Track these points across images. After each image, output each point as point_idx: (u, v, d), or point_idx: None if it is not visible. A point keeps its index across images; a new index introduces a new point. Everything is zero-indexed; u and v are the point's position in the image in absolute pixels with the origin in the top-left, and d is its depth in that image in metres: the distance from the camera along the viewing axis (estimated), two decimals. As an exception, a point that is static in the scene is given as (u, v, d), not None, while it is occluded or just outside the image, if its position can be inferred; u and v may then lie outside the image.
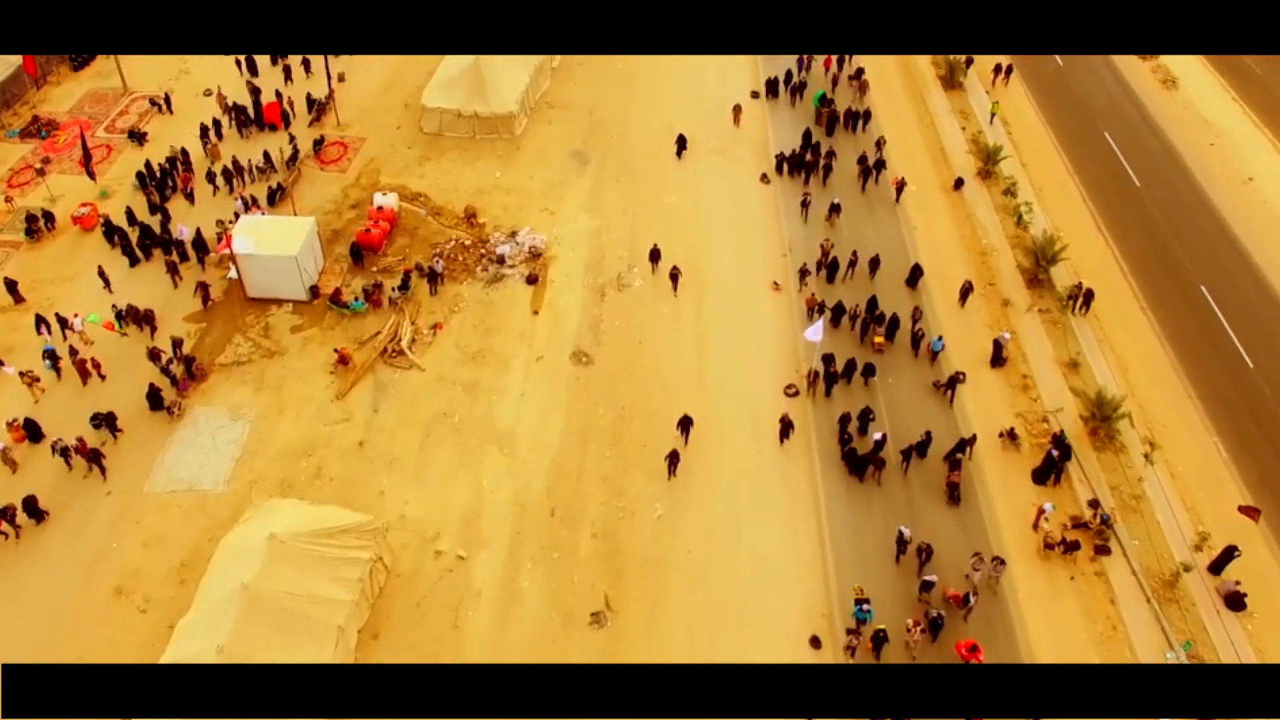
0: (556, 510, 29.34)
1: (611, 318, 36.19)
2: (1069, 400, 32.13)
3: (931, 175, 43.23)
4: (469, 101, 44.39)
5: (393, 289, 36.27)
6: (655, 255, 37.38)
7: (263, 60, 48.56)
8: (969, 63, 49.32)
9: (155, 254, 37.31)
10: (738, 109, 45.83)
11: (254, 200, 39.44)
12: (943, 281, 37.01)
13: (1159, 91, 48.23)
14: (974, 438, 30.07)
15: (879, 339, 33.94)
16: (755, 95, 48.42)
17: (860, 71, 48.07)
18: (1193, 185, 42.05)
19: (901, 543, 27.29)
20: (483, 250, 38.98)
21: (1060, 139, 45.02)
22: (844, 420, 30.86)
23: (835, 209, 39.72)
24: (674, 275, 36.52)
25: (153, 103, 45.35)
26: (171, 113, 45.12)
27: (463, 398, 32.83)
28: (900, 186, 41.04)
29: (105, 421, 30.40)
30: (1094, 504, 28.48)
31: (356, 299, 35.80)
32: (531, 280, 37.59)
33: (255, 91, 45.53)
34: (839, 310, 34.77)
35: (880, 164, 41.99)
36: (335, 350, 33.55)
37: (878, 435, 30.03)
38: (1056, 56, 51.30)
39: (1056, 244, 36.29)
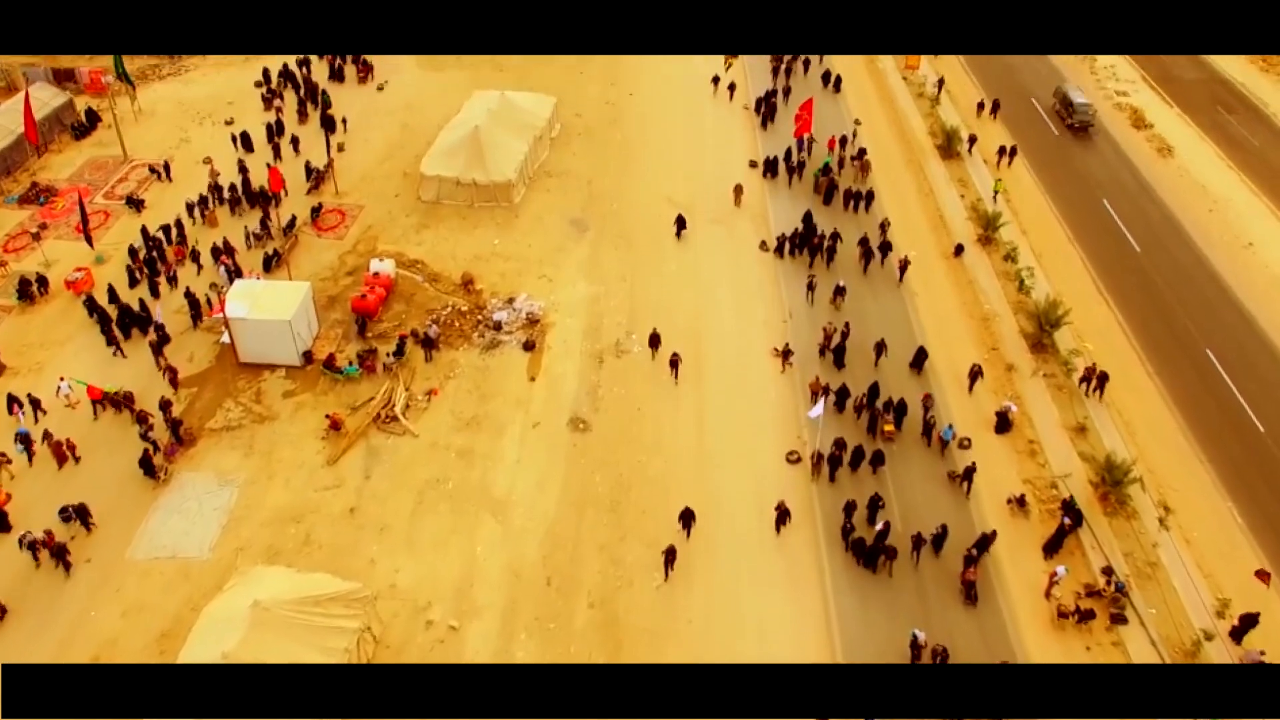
0: (552, 579, 28.75)
1: (610, 384, 36.06)
2: (1077, 465, 31.82)
3: (931, 242, 43.62)
4: (467, 170, 45.03)
5: (387, 354, 36.21)
6: (655, 340, 36.50)
7: (259, 136, 48.81)
8: (972, 141, 49.68)
9: (135, 333, 36.78)
10: (739, 189, 45.59)
11: (237, 270, 39.45)
12: (950, 362, 36.30)
13: (1156, 160, 49.04)
14: (994, 534, 28.86)
15: (889, 427, 32.89)
16: (753, 165, 49.08)
17: (863, 152, 48.14)
18: (1193, 250, 42.46)
19: (916, 647, 26.13)
20: (479, 316, 39.06)
21: (1059, 207, 45.57)
22: (850, 508, 29.70)
23: (840, 291, 38.95)
24: (674, 362, 35.53)
25: (152, 170, 46.07)
26: (170, 180, 45.78)
27: (457, 464, 32.49)
28: (904, 266, 40.41)
29: (76, 513, 29.12)
30: (1108, 571, 27.94)
31: (350, 364, 35.72)
32: (528, 346, 37.57)
33: (245, 170, 45.55)
34: (843, 394, 33.79)
35: (885, 246, 41.45)
36: (327, 416, 33.33)
37: (882, 523, 28.89)
38: (1053, 128, 52.25)
39: (1059, 308, 36.35)
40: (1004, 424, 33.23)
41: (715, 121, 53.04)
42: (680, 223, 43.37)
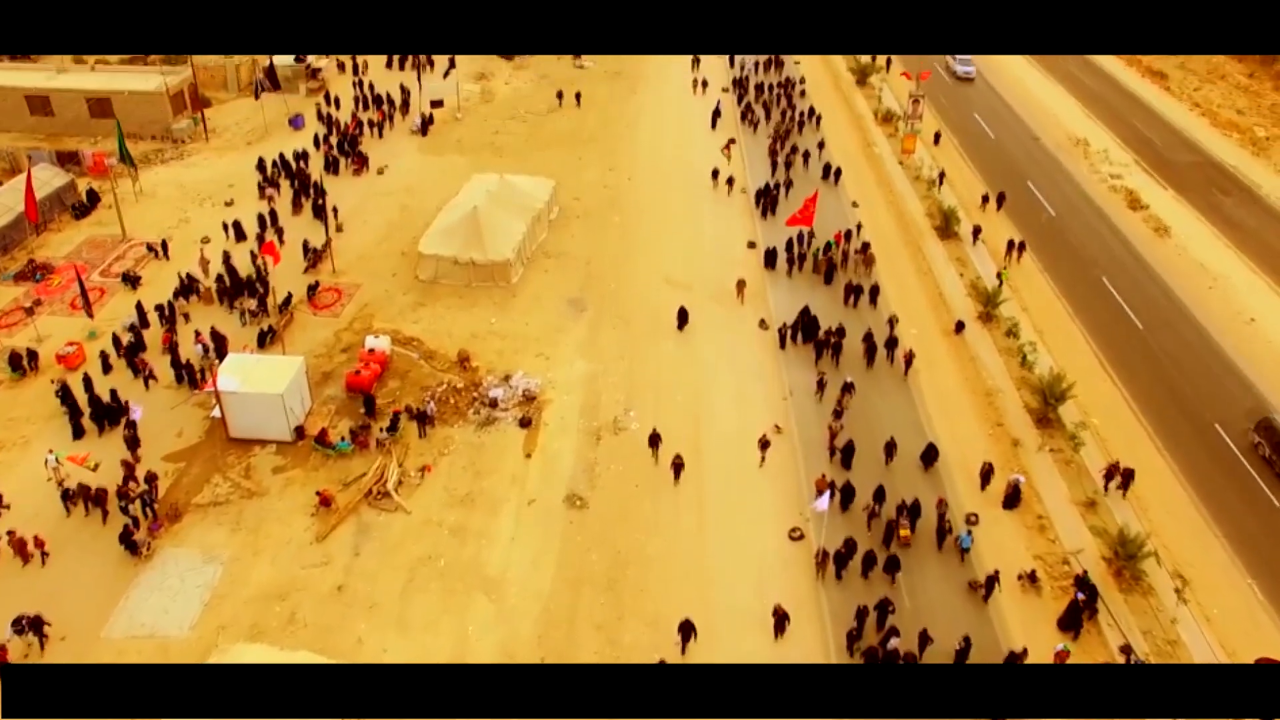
0: (547, 660, 27.84)
1: (607, 461, 35.65)
2: (1089, 540, 31.21)
3: (931, 319, 43.80)
4: (465, 249, 45.46)
5: (380, 430, 35.88)
6: (655, 440, 35.14)
7: (252, 225, 49.01)
8: (976, 232, 49.82)
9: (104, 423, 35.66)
10: (741, 284, 44.70)
11: (218, 348, 39.34)
12: (960, 456, 35.17)
13: (1153, 239, 49.68)
14: (1024, 651, 27.04)
15: (905, 532, 31.23)
16: (752, 245, 49.68)
17: (866, 246, 47.74)
18: (1195, 327, 42.65)
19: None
20: (475, 394, 38.87)
21: (1058, 284, 45.95)
22: (861, 614, 28.09)
23: (848, 388, 37.71)
24: (677, 465, 34.23)
25: (149, 248, 46.52)
26: (168, 258, 46.16)
27: (450, 541, 31.84)
28: (910, 360, 39.55)
29: (30, 626, 26.96)
30: (1126, 650, 27.09)
31: (343, 440, 35.36)
32: (525, 423, 37.30)
33: (227, 259, 45.07)
34: (849, 492, 32.59)
35: (892, 341, 40.40)
36: (317, 492, 32.81)
37: (894, 641, 27.26)
38: (1049, 207, 53.11)
39: (1063, 382, 36.23)
40: (1013, 499, 32.71)
41: (714, 206, 53.74)
42: (682, 316, 42.55)
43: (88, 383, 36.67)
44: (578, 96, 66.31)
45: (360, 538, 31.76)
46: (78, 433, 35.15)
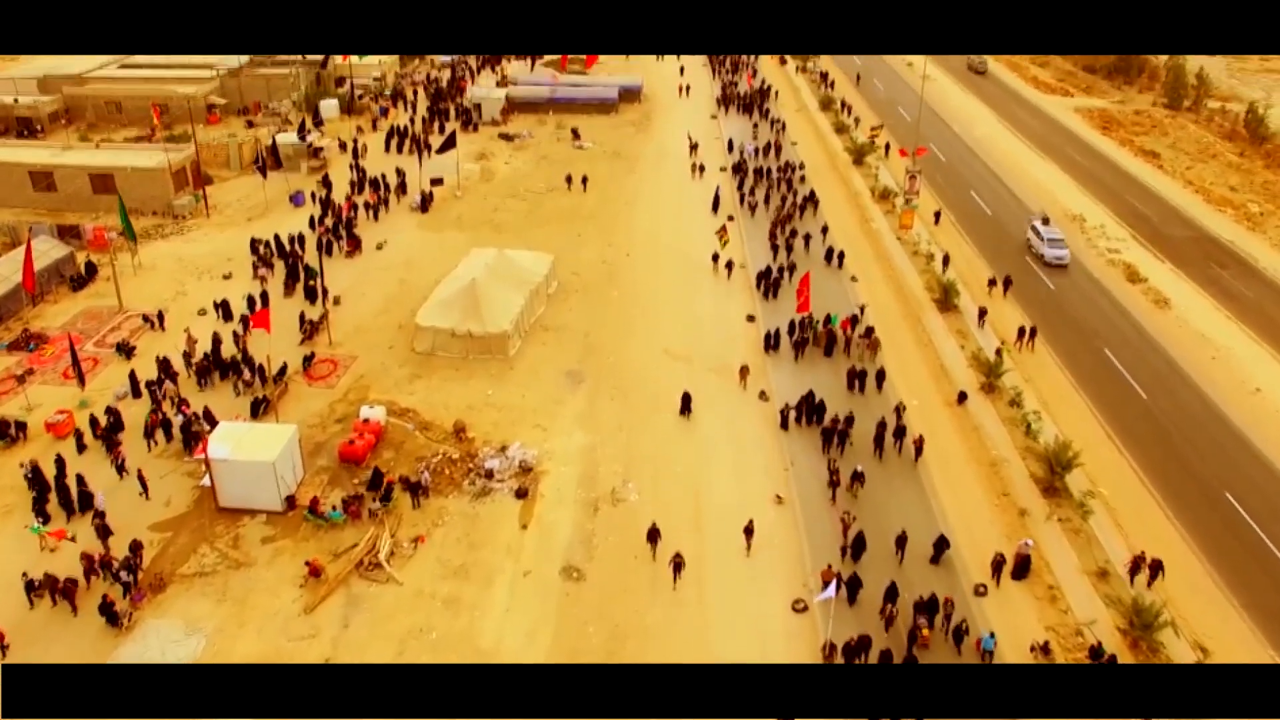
0: (542, 736, 26.77)
1: (605, 533, 35.08)
2: (1102, 611, 30.49)
3: (933, 390, 43.68)
4: (463, 321, 45.57)
5: (373, 500, 35.38)
6: (654, 535, 33.81)
7: (242, 304, 48.67)
8: (982, 314, 49.13)
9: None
10: (744, 369, 44.03)
11: (197, 416, 39.00)
12: (973, 544, 34.04)
13: (1153, 311, 49.95)
14: None
15: (925, 631, 29.66)
16: (751, 319, 49.86)
17: (870, 331, 46.72)
18: (1200, 397, 42.57)
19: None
20: (471, 464, 38.48)
21: (1060, 356, 45.98)
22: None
23: (858, 477, 36.54)
24: (677, 565, 32.63)
25: (145, 319, 46.69)
26: (164, 329, 46.28)
27: (442, 613, 31.07)
28: (920, 447, 38.44)
29: None
30: (1146, 724, 26.08)
31: (335, 509, 34.84)
32: (521, 494, 36.83)
33: (219, 341, 44.55)
34: (855, 584, 31.33)
35: (901, 430, 39.25)
36: (307, 562, 32.16)
37: None
38: (1048, 281, 53.51)
39: (1069, 450, 35.91)
40: (1022, 569, 32.05)
41: (713, 285, 53.77)
42: (685, 401, 41.68)
43: (60, 464, 35.65)
44: (584, 180, 66.87)
45: (350, 609, 30.99)
46: (40, 515, 33.68)
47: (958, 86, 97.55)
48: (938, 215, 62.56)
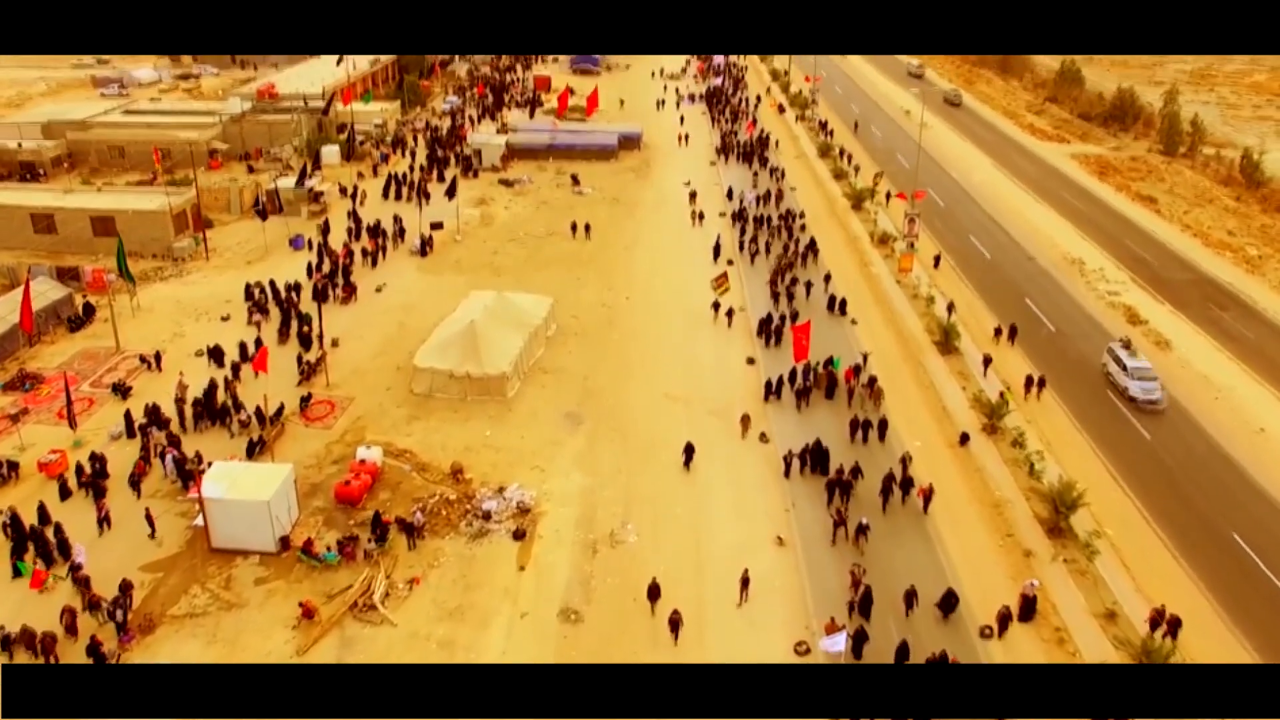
0: (538, 782, 26.18)
1: (603, 574, 34.69)
2: (1111, 654, 30.00)
3: (935, 432, 43.51)
4: (462, 363, 45.54)
5: (368, 541, 35.02)
6: (654, 592, 32.79)
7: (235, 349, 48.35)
8: (987, 362, 48.21)
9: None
10: (746, 419, 43.40)
11: (184, 458, 38.69)
12: (982, 596, 33.18)
13: (1155, 352, 49.95)
14: None
15: None
16: (751, 361, 49.83)
17: (874, 381, 46.02)
18: (1204, 437, 42.48)
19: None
20: (468, 506, 38.20)
21: (1062, 396, 45.84)
22: None
23: (863, 530, 35.64)
24: (675, 623, 31.51)
25: (142, 359, 46.68)
26: (160, 370, 46.21)
27: (437, 655, 30.62)
28: (929, 497, 37.69)
29: None
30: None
31: (329, 550, 34.47)
32: (518, 535, 36.50)
33: (214, 386, 44.17)
34: (861, 638, 30.46)
35: (908, 482, 38.29)
36: (300, 603, 31.73)
37: None
38: (1049, 323, 53.60)
39: (1074, 490, 35.65)
40: (1028, 610, 31.61)
41: (714, 330, 53.49)
42: (688, 453, 40.94)
43: (42, 512, 35.12)
44: (587, 228, 66.65)
45: (343, 651, 30.52)
46: (15, 572, 33.06)
47: (955, 134, 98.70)
48: (937, 259, 62.84)
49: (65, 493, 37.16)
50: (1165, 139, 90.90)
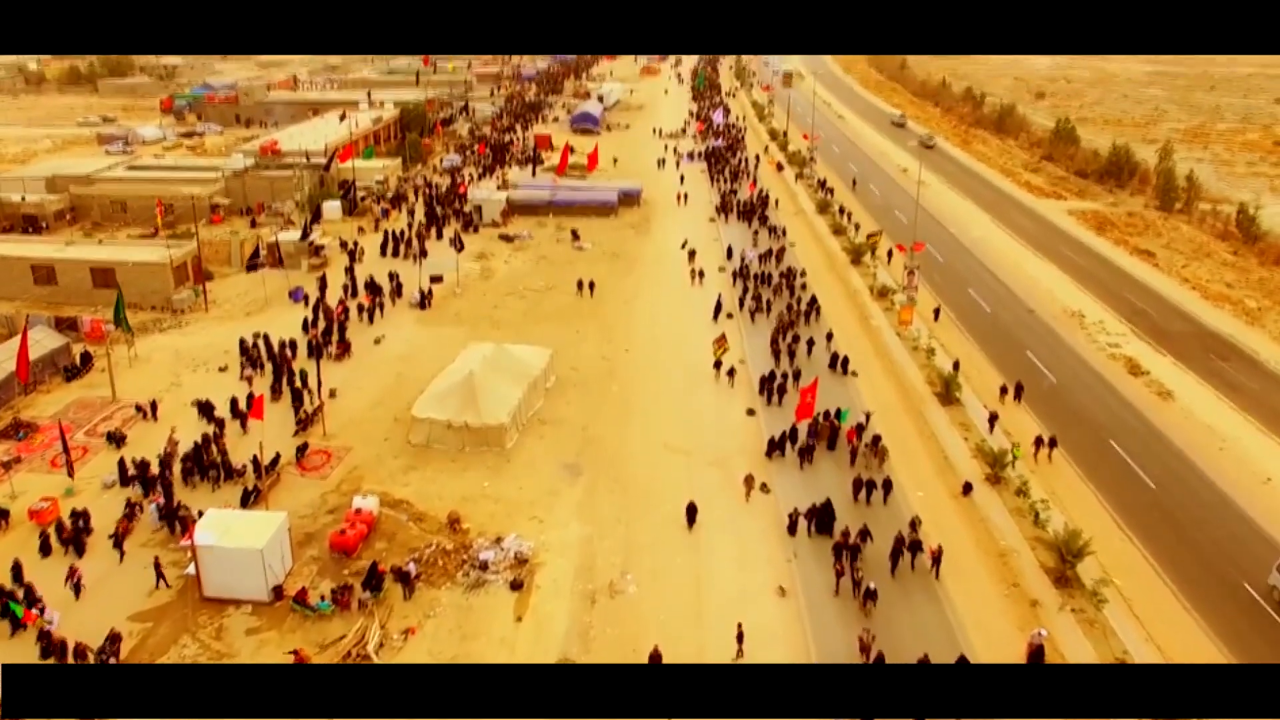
0: (534, 837, 25.44)
1: (602, 625, 34.21)
2: (1123, 705, 29.31)
3: (938, 482, 43.25)
4: (460, 413, 45.44)
5: (363, 590, 34.57)
6: (656, 660, 31.74)
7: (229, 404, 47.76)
8: (993, 419, 47.58)
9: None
10: (749, 480, 42.44)
11: (168, 506, 38.37)
12: (984, 639, 32.94)
13: (1157, 404, 49.92)
14: None
15: None
16: (751, 413, 49.70)
17: (878, 439, 45.34)
18: (1210, 487, 42.22)
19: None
20: (465, 556, 37.82)
21: (1065, 447, 45.61)
22: None
23: (871, 595, 34.53)
24: None
25: (138, 409, 46.61)
26: (156, 419, 46.11)
27: (432, 707, 29.87)
28: (938, 558, 36.62)
29: None
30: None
31: (323, 600, 34.00)
32: (516, 586, 36.07)
33: (206, 441, 43.64)
34: None
35: (916, 545, 37.45)
36: (292, 652, 31.19)
37: None
38: (1050, 374, 53.63)
39: (1080, 539, 35.31)
40: (1037, 660, 31.05)
41: (714, 386, 53.07)
42: (691, 513, 40.10)
43: (16, 571, 34.23)
44: (591, 285, 66.38)
45: (335, 703, 29.83)
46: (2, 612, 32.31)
47: (953, 191, 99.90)
48: (937, 312, 63.12)
49: (46, 549, 36.49)
50: (1161, 195, 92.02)
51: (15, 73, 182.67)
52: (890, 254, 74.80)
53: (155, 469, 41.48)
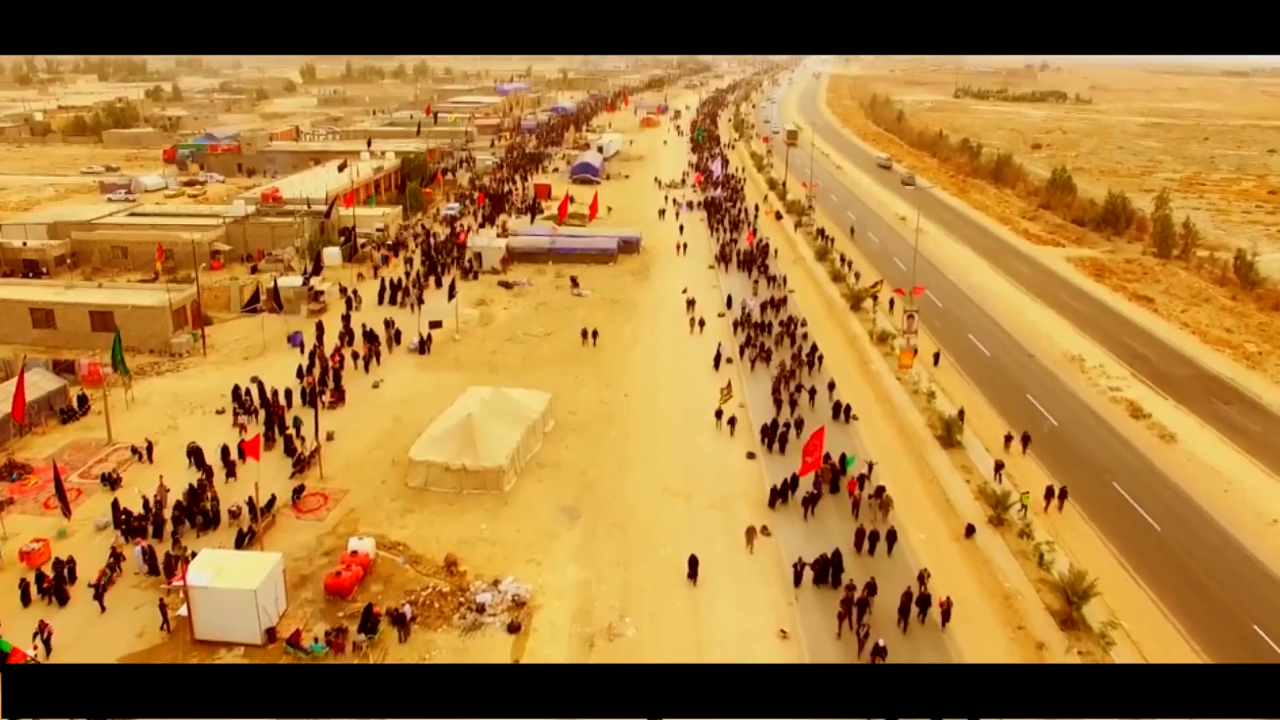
0: None
1: (601, 668, 33.69)
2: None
3: (940, 525, 42.96)
4: (458, 456, 45.26)
5: (358, 633, 34.13)
6: None
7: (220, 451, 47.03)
8: (999, 468, 46.91)
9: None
10: (751, 531, 41.71)
11: (150, 551, 37.96)
12: None
13: (1160, 446, 49.78)
14: None
15: None
16: (751, 456, 49.51)
17: (881, 490, 44.63)
18: (1217, 530, 41.94)
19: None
20: (462, 599, 37.43)
21: (1070, 489, 45.26)
22: None
23: (880, 652, 33.50)
24: None
25: (134, 450, 46.46)
26: (151, 461, 45.93)
27: (426, 751, 29.32)
28: (947, 610, 35.93)
29: None
30: None
31: (316, 641, 33.55)
32: (513, 629, 35.64)
33: (200, 488, 43.02)
34: None
35: (925, 599, 36.20)
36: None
37: None
38: (1051, 417, 53.53)
39: (1086, 579, 34.97)
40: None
41: (714, 433, 52.47)
42: (693, 565, 39.17)
43: None
44: (595, 334, 66.13)
45: (327, 746, 29.28)
46: None
47: (951, 239, 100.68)
48: (937, 356, 63.20)
49: (26, 600, 35.78)
50: (1159, 242, 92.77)
51: (21, 123, 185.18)
52: (891, 303, 74.57)
53: (141, 513, 40.99)
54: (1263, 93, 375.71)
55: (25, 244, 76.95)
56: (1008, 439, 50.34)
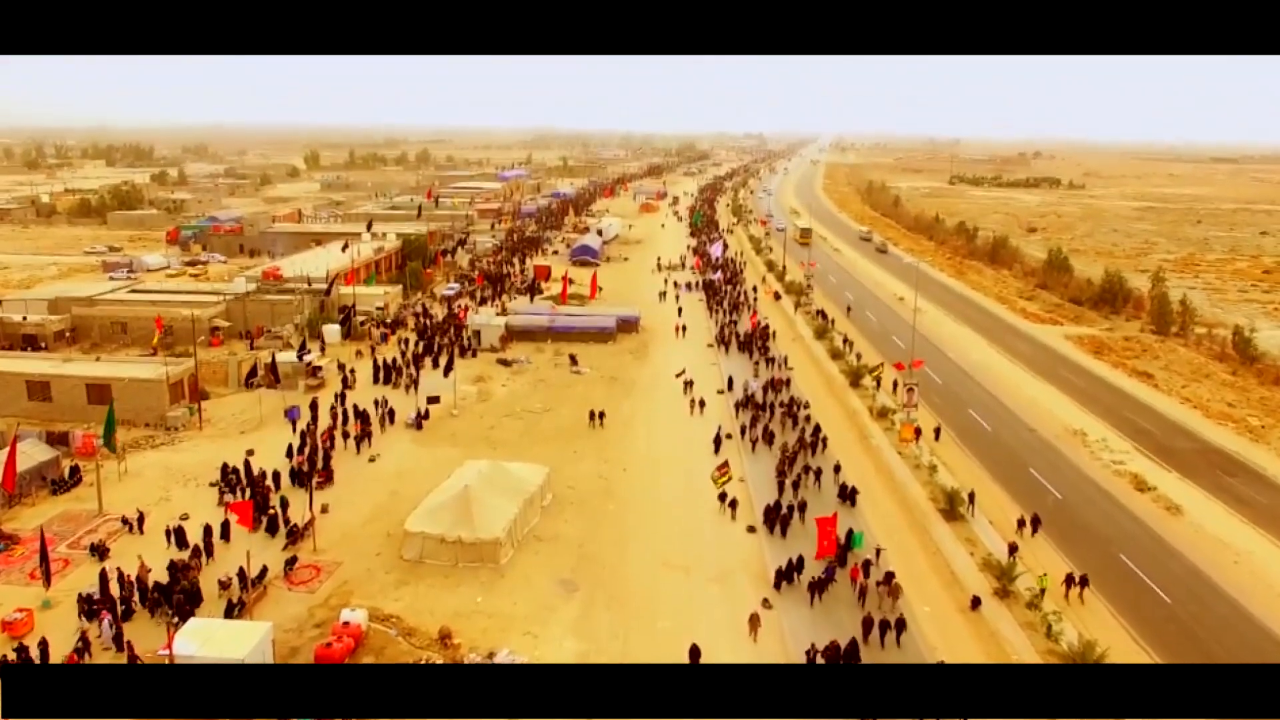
0: None
1: (598, 744, 32.74)
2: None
3: (945, 598, 42.39)
4: (454, 527, 44.89)
5: (348, 706, 33.27)
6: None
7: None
8: (1012, 549, 45.76)
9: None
10: (754, 619, 40.49)
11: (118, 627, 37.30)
12: None
13: (1166, 518, 49.43)
14: None
15: None
16: (751, 530, 49.11)
17: (890, 576, 42.67)
18: (1228, 600, 41.42)
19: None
20: (456, 672, 36.63)
21: (1075, 562, 44.91)
22: None
23: None
24: None
25: (124, 521, 46.02)
26: (142, 533, 45.46)
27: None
28: None
29: None
30: None
31: (305, 714, 32.64)
32: (508, 702, 34.76)
33: (177, 570, 41.75)
34: None
35: None
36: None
37: None
38: (1054, 490, 53.22)
39: (1097, 648, 34.33)
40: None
41: (715, 509, 51.69)
42: (694, 654, 37.85)
43: None
44: (601, 415, 65.46)
45: (313, 823, 28.32)
46: None
47: (950, 318, 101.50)
48: (938, 431, 63.12)
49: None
50: (1156, 319, 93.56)
51: (27, 204, 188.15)
52: (896, 384, 72.95)
53: (117, 590, 40.10)
54: (1253, 179, 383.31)
55: (25, 319, 77.51)
56: (1020, 522, 48.95)
